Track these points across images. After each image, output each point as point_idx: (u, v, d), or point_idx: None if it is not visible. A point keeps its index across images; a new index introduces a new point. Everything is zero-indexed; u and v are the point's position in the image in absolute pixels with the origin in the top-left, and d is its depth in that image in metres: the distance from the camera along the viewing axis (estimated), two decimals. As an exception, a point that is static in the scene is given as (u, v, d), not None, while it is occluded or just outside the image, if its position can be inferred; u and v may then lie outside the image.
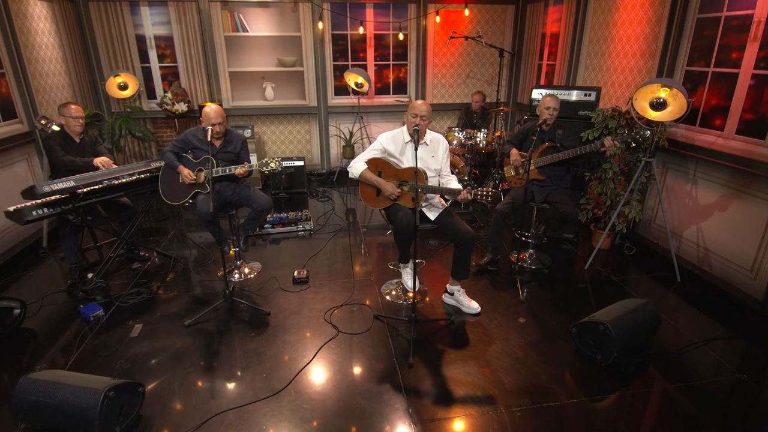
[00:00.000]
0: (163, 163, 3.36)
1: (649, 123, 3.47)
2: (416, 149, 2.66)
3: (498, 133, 5.27)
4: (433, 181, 3.00)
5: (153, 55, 5.63)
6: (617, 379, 2.49)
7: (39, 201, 2.89)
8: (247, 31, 5.76)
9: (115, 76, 5.18)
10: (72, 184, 2.94)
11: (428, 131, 2.99)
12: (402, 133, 2.99)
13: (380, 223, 4.78)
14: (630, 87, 4.20)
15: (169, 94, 5.37)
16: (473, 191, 2.72)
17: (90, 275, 3.50)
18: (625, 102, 4.18)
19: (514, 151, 3.59)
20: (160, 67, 5.72)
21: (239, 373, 2.52)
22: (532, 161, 3.50)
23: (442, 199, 3.07)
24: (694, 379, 2.49)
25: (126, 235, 3.55)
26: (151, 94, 5.79)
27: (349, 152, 6.15)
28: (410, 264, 3.10)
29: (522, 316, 3.08)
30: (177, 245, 4.23)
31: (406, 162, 2.98)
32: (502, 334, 2.88)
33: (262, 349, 2.73)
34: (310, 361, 2.62)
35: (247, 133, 5.80)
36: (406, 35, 6.08)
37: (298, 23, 5.80)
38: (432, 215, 3.01)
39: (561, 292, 3.41)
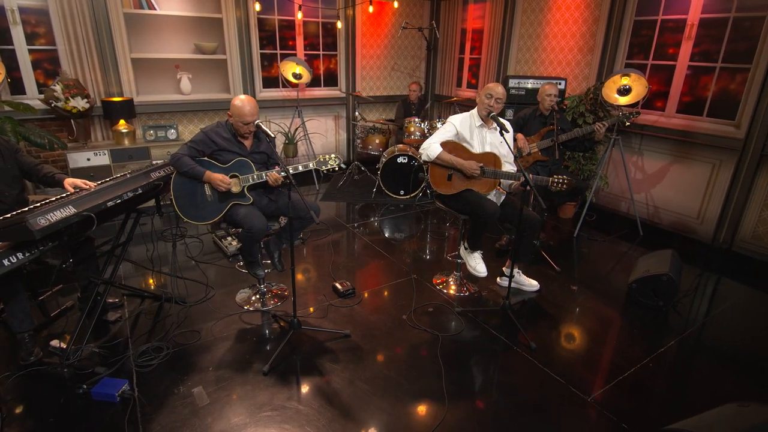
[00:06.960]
0: (173, 172, 2.53)
1: (607, 106, 4.15)
2: (501, 131, 2.65)
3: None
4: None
5: (18, 33, 4.07)
6: (684, 317, 2.97)
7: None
8: (155, 9, 4.65)
9: (-33, 60, 3.61)
10: (72, 211, 1.99)
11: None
12: (472, 117, 2.91)
13: (350, 220, 4.52)
14: (568, 78, 4.88)
15: (58, 87, 3.98)
16: (549, 179, 2.84)
17: (56, 342, 2.45)
18: (569, 91, 4.86)
19: (519, 136, 3.83)
20: (31, 51, 4.18)
21: (399, 405, 2.14)
22: (535, 144, 3.82)
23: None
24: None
25: (112, 276, 2.56)
26: (17, 87, 4.19)
27: (292, 150, 5.58)
28: (478, 251, 3.06)
29: (571, 284, 3.37)
30: (138, 278, 3.24)
31: (477, 147, 2.92)
32: (575, 305, 3.11)
33: (387, 373, 2.37)
34: (442, 375, 2.38)
35: (172, 134, 4.74)
36: (339, 23, 5.77)
37: (219, 3, 4.94)
38: (497, 200, 3.02)
39: (576, 258, 3.84)
